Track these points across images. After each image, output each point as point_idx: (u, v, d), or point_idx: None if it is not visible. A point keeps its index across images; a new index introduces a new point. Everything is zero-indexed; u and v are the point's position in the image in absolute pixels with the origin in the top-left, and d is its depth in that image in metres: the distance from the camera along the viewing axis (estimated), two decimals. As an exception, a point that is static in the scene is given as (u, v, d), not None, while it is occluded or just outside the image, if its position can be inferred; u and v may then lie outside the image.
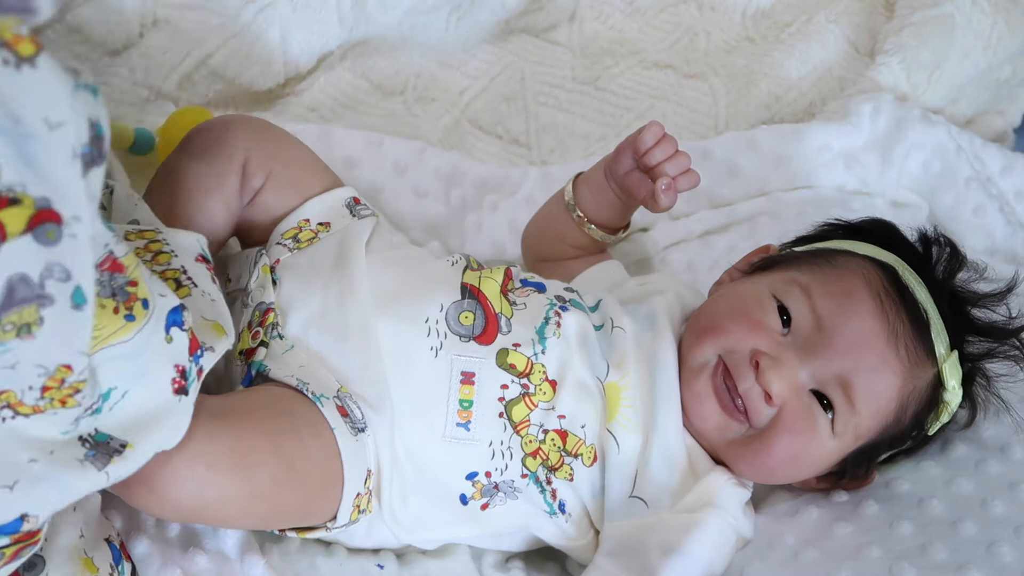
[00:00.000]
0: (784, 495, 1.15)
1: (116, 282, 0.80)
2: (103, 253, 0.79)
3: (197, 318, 0.92)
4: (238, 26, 1.43)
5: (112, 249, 0.79)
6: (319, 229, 1.15)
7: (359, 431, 1.01)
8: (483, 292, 1.09)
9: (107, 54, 1.43)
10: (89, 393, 0.79)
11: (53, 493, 0.80)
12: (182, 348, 0.86)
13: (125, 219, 1.04)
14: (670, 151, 1.16)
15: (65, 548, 0.89)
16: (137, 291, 0.81)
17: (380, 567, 1.07)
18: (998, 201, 1.52)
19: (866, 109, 1.52)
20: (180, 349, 0.86)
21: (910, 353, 1.07)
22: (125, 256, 0.81)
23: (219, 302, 0.97)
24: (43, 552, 0.88)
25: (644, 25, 1.67)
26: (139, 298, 0.81)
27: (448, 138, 1.55)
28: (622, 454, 1.07)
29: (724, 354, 1.08)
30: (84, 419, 0.81)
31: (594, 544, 1.09)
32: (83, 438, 0.82)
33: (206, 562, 0.98)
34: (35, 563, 0.87)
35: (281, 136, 1.19)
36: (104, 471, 0.81)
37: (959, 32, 1.56)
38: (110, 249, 0.79)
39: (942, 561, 1.02)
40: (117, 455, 0.82)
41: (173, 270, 0.96)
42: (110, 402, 0.82)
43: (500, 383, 1.05)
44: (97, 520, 0.94)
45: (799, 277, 1.11)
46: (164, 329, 0.84)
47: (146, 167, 1.34)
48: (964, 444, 1.16)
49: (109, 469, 0.82)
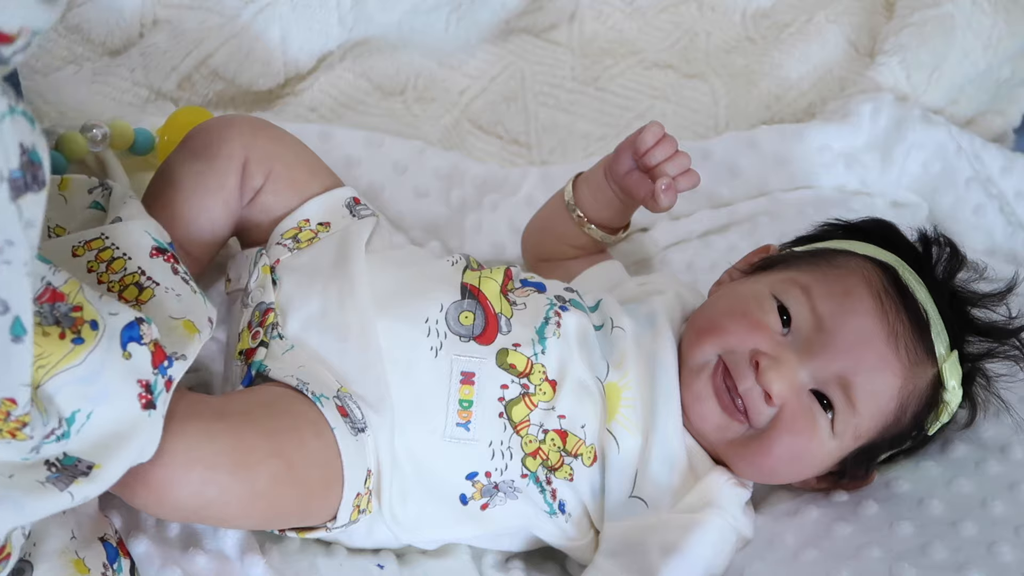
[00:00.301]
0: (784, 495, 1.15)
1: (59, 310, 0.79)
2: (41, 286, 0.78)
3: (164, 320, 0.91)
4: (238, 26, 1.43)
5: (50, 280, 0.79)
6: (319, 229, 1.15)
7: (359, 431, 1.00)
8: (483, 292, 1.09)
9: (107, 54, 1.43)
10: (39, 425, 0.78)
11: (10, 514, 0.79)
12: (143, 363, 0.85)
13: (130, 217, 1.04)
14: (670, 151, 1.16)
15: (55, 551, 0.89)
16: (83, 314, 0.81)
17: (380, 567, 1.07)
18: (998, 201, 1.52)
19: (866, 109, 1.53)
20: (141, 364, 0.85)
21: (910, 353, 1.07)
22: (65, 284, 0.80)
23: (185, 295, 0.96)
24: (31, 557, 0.87)
25: (644, 25, 1.67)
26: (86, 320, 0.81)
27: (448, 138, 1.55)
28: (622, 454, 1.07)
29: (724, 354, 1.08)
30: (48, 445, 0.80)
31: (594, 544, 1.09)
32: (50, 462, 0.82)
33: (206, 562, 0.98)
34: (22, 569, 0.87)
35: (281, 136, 1.19)
36: (67, 491, 0.81)
37: (959, 32, 1.56)
38: (48, 281, 0.79)
39: (942, 561, 1.02)
40: (83, 476, 0.82)
41: (131, 274, 0.95)
42: (76, 425, 0.82)
43: (500, 383, 1.05)
44: (92, 520, 0.94)
45: (799, 277, 1.11)
46: (120, 346, 0.83)
47: (146, 167, 1.34)
48: (964, 444, 1.16)
49: (73, 490, 0.81)
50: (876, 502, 1.10)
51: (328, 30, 1.47)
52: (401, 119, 1.54)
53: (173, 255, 1.00)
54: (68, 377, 0.80)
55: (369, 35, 1.52)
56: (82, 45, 1.41)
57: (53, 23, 0.76)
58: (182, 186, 1.13)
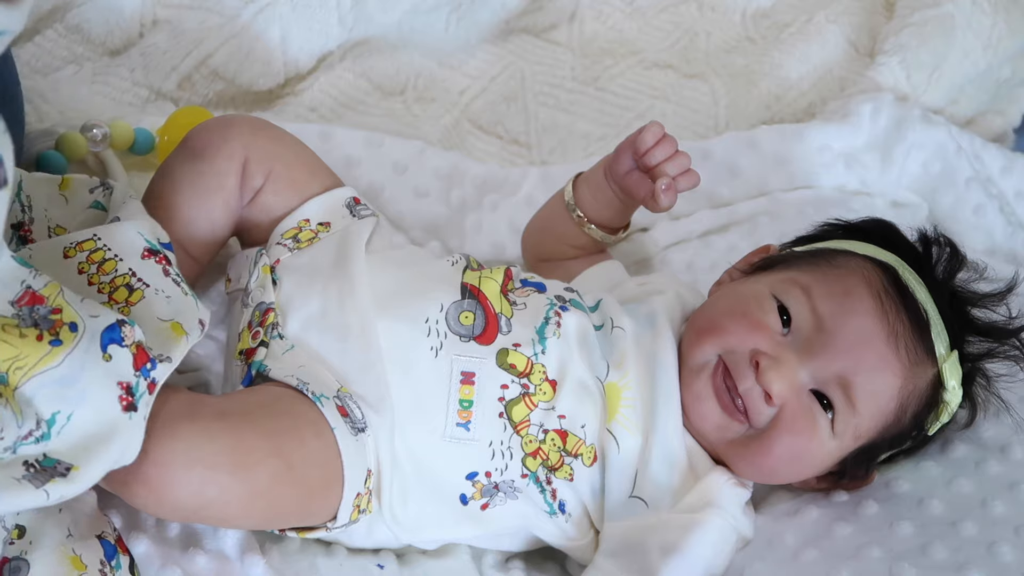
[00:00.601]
0: (784, 495, 1.15)
1: (38, 313, 0.79)
2: (20, 290, 0.78)
3: (153, 322, 0.91)
4: (238, 26, 1.43)
5: (30, 284, 0.79)
6: (319, 229, 1.15)
7: (359, 431, 1.00)
8: (483, 292, 1.09)
9: (107, 54, 1.43)
10: (13, 427, 0.78)
11: None
12: (124, 365, 0.85)
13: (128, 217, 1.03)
14: (670, 151, 1.16)
15: (50, 549, 0.88)
16: (63, 316, 0.80)
17: (380, 567, 1.07)
18: (998, 201, 1.52)
19: (866, 109, 1.52)
20: (122, 366, 0.84)
21: (910, 353, 1.07)
22: (45, 287, 0.80)
23: (176, 297, 0.96)
24: (27, 555, 0.87)
25: (644, 25, 1.67)
26: (65, 323, 0.80)
27: (448, 138, 1.55)
28: (622, 454, 1.07)
29: (724, 354, 1.08)
30: (25, 446, 0.80)
31: (594, 544, 1.09)
32: (28, 463, 0.81)
33: (206, 562, 0.98)
34: (19, 567, 0.87)
35: (281, 136, 1.19)
36: (43, 489, 0.81)
37: (959, 32, 1.56)
38: (27, 284, 0.78)
39: (942, 561, 1.01)
40: (60, 477, 0.81)
41: (122, 276, 0.95)
42: (56, 427, 0.81)
43: (500, 383, 1.05)
44: (90, 518, 0.94)
45: (799, 277, 1.11)
46: (101, 348, 0.83)
47: (146, 167, 1.34)
48: (964, 444, 1.16)
49: (48, 488, 0.81)
50: (876, 502, 1.10)
51: (328, 30, 1.47)
52: (401, 119, 1.54)
53: (165, 256, 0.99)
54: (46, 379, 0.80)
55: (369, 35, 1.52)
56: (82, 45, 1.42)
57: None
58: (182, 186, 1.13)
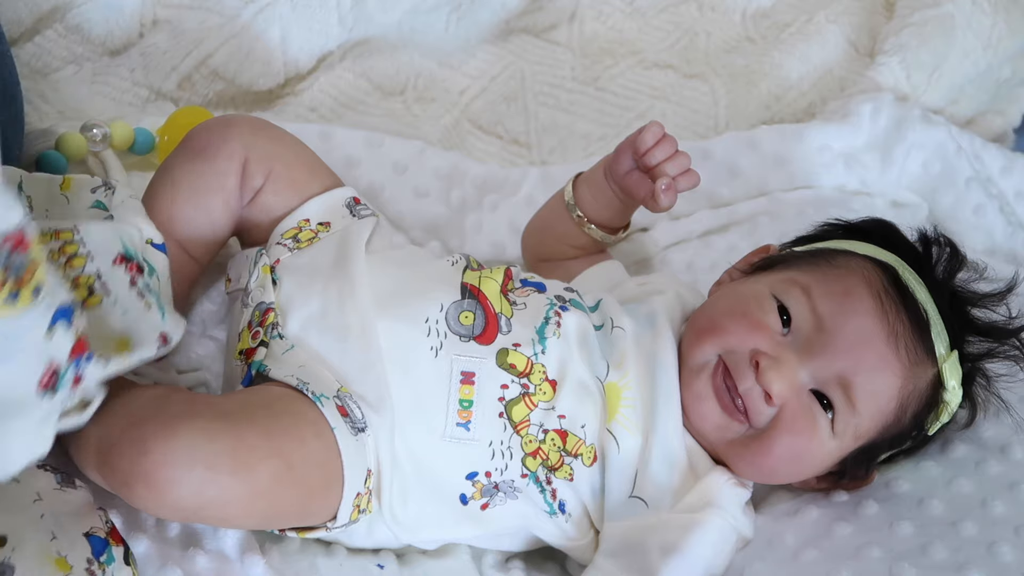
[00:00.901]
0: (784, 495, 1.15)
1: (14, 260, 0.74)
2: (13, 228, 0.73)
3: (99, 332, 0.87)
4: (238, 26, 1.43)
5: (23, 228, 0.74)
6: (319, 229, 1.15)
7: (359, 431, 1.01)
8: (483, 292, 1.09)
9: (107, 54, 1.43)
10: None
11: None
12: (62, 348, 0.80)
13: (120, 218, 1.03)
14: (670, 151, 1.16)
15: (33, 553, 0.87)
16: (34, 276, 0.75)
17: (380, 567, 1.07)
18: (998, 201, 1.52)
19: (866, 109, 1.52)
20: (60, 348, 0.80)
21: (910, 353, 1.07)
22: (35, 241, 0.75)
23: (134, 312, 0.93)
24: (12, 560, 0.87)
25: (644, 25, 1.67)
26: (32, 283, 0.76)
27: (448, 138, 1.55)
28: (622, 454, 1.07)
29: (724, 354, 1.08)
30: None
31: (594, 544, 1.09)
32: None
33: (206, 562, 0.98)
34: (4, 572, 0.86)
35: (281, 136, 1.19)
36: None
37: (959, 32, 1.56)
38: (21, 227, 0.74)
39: (942, 561, 1.01)
40: None
41: (86, 276, 0.92)
42: None
43: (500, 383, 1.05)
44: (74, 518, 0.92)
45: (799, 277, 1.11)
46: (49, 323, 0.78)
47: (146, 167, 1.34)
48: (964, 444, 1.16)
49: None
50: (876, 502, 1.10)
51: (328, 30, 1.47)
52: (401, 119, 1.54)
53: (138, 265, 0.97)
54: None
55: (369, 35, 1.52)
56: (82, 45, 1.41)
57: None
58: (182, 186, 1.13)
